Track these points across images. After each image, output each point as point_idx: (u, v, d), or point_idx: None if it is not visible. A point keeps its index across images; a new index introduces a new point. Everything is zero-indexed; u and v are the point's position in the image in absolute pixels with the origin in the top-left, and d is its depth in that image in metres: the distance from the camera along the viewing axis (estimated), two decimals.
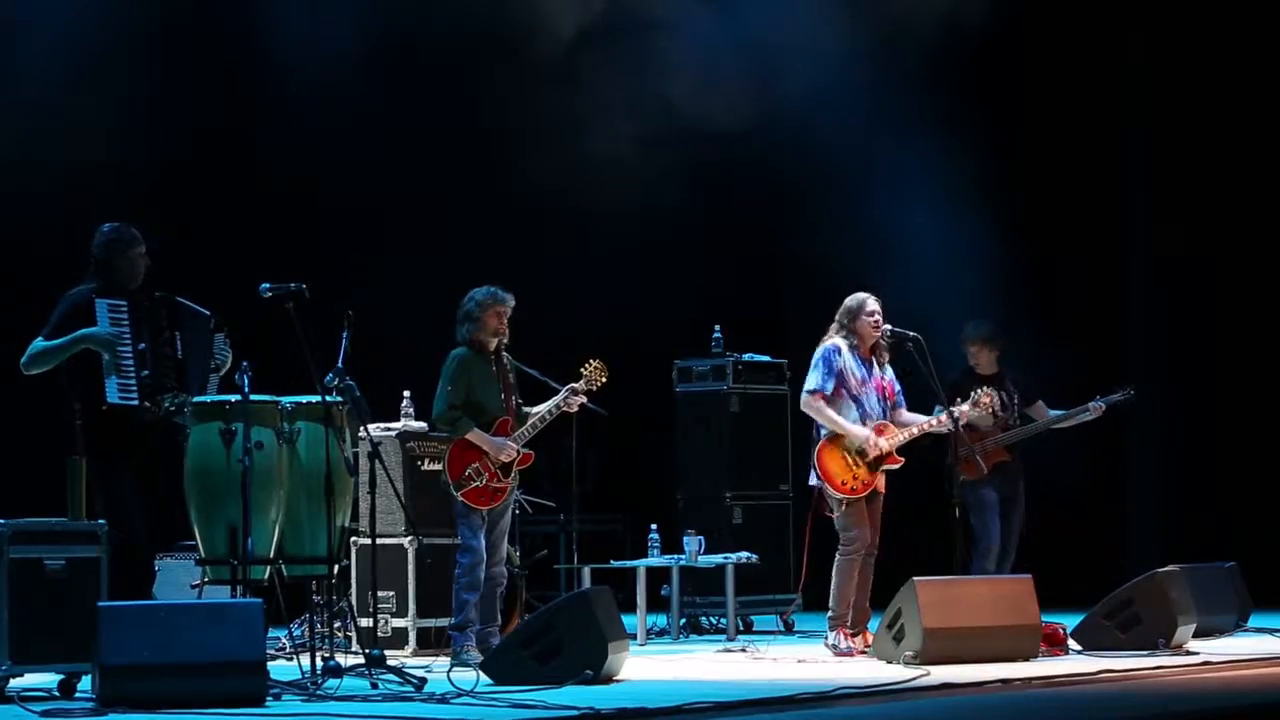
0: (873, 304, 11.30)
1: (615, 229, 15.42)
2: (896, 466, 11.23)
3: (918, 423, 11.34)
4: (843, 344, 11.26)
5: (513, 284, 11.31)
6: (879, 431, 11.17)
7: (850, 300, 11.35)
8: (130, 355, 9.52)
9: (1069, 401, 12.60)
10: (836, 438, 11.16)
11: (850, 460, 11.13)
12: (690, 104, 14.89)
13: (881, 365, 11.36)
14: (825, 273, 14.62)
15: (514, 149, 15.42)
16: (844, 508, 11.13)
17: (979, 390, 11.51)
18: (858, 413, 11.19)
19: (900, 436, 11.20)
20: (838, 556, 11.17)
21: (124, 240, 9.72)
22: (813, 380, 11.23)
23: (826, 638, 11.18)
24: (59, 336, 9.52)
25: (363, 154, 15.49)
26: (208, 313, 9.84)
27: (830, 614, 11.18)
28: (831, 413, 11.14)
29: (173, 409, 9.69)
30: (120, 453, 9.51)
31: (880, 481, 11.20)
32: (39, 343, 9.55)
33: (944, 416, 11.28)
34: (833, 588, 11.18)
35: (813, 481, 11.25)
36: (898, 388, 11.40)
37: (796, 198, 16.11)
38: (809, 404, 11.23)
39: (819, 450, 11.19)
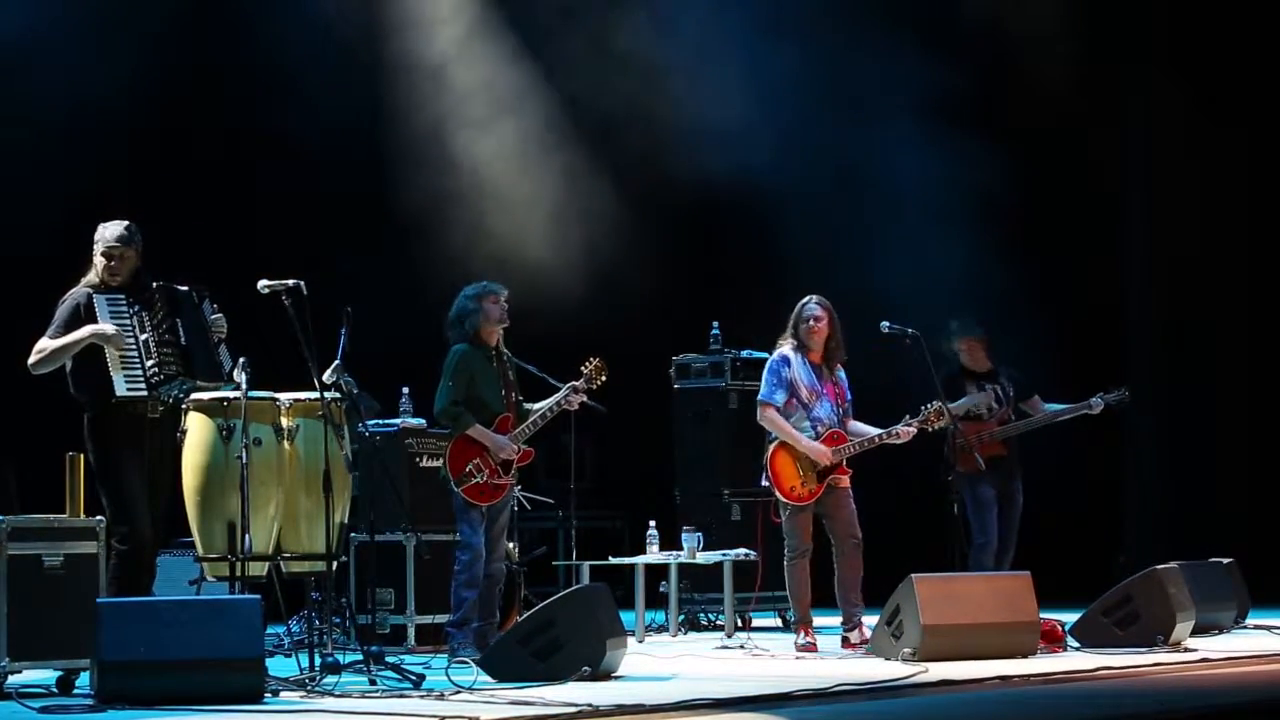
0: (811, 308, 11.28)
1: (614, 227, 15.43)
2: (845, 478, 11.25)
3: (869, 434, 11.32)
4: (791, 353, 11.29)
5: (511, 281, 11.33)
6: (832, 440, 11.19)
7: (798, 304, 11.36)
8: (133, 347, 9.52)
9: (1067, 398, 12.61)
10: (789, 444, 11.21)
11: (800, 467, 11.17)
12: (687, 103, 14.93)
13: (833, 370, 11.35)
14: (824, 272, 14.65)
15: (512, 150, 15.44)
16: (788, 513, 11.21)
17: (927, 406, 11.37)
18: (809, 421, 11.22)
19: (852, 450, 11.22)
20: (785, 562, 11.27)
21: (122, 240, 9.68)
22: (762, 391, 11.33)
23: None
24: (64, 335, 9.50)
25: (364, 153, 15.52)
26: (186, 288, 9.82)
27: (793, 619, 11.38)
28: (786, 424, 11.21)
29: (181, 395, 9.68)
30: (128, 447, 9.50)
31: (842, 479, 11.23)
32: (45, 342, 9.54)
33: (902, 429, 11.24)
34: (789, 593, 11.31)
35: (764, 483, 11.33)
36: (849, 396, 11.39)
37: (795, 196, 16.10)
38: (761, 416, 11.32)
39: (771, 454, 11.26)
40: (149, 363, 9.54)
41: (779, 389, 11.24)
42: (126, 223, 9.70)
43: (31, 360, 9.57)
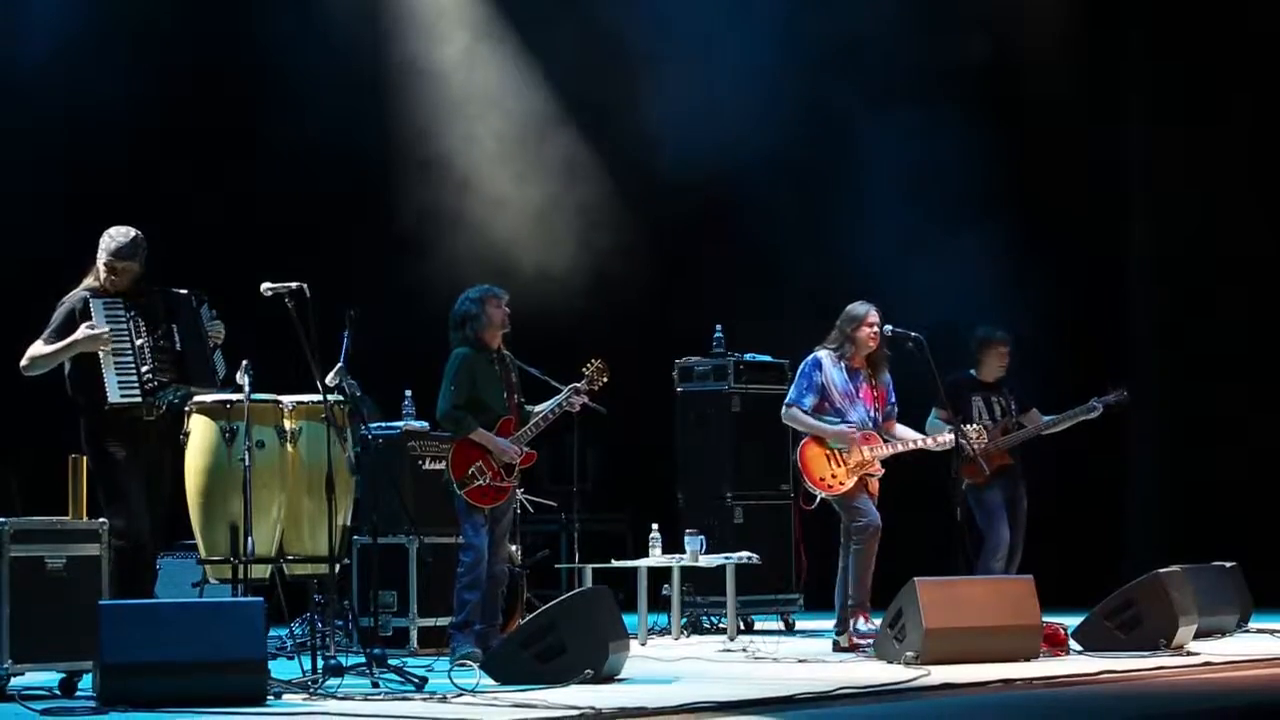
0: (875, 315, 11.33)
1: (615, 229, 15.43)
2: (876, 481, 11.25)
3: (910, 439, 11.35)
4: (826, 356, 11.31)
5: (513, 284, 11.32)
6: (866, 441, 11.21)
7: (853, 309, 11.37)
8: (129, 352, 9.52)
9: (1066, 404, 12.59)
10: (818, 437, 11.22)
11: (831, 461, 11.18)
12: (689, 106, 14.93)
13: (877, 374, 11.37)
14: (825, 274, 14.66)
15: (512, 151, 15.45)
16: (838, 500, 11.20)
17: (971, 427, 11.44)
18: (842, 425, 11.23)
19: (885, 450, 11.23)
20: (852, 547, 11.22)
21: (124, 254, 9.67)
22: (791, 393, 11.37)
23: (850, 624, 11.20)
24: (58, 339, 9.51)
25: (365, 154, 15.52)
26: (185, 291, 9.82)
27: (852, 602, 11.24)
28: (808, 418, 11.26)
29: (176, 401, 9.68)
30: (125, 450, 9.51)
31: (873, 481, 11.24)
32: (38, 346, 9.55)
33: (940, 437, 11.30)
34: (851, 579, 11.22)
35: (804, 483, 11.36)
36: (892, 398, 11.41)
37: (797, 198, 16.11)
38: (786, 415, 11.38)
39: (802, 447, 11.30)
40: (144, 368, 9.55)
41: (809, 393, 11.27)
42: (134, 234, 9.66)
43: (23, 363, 9.58)
